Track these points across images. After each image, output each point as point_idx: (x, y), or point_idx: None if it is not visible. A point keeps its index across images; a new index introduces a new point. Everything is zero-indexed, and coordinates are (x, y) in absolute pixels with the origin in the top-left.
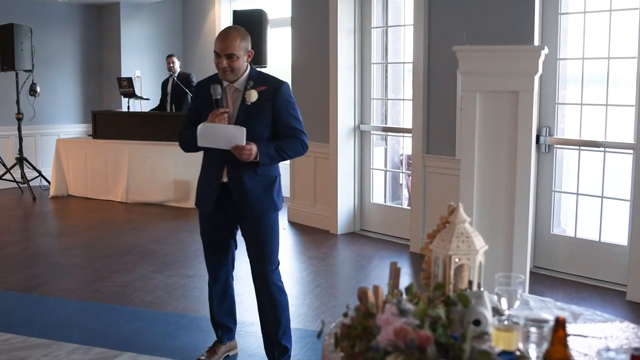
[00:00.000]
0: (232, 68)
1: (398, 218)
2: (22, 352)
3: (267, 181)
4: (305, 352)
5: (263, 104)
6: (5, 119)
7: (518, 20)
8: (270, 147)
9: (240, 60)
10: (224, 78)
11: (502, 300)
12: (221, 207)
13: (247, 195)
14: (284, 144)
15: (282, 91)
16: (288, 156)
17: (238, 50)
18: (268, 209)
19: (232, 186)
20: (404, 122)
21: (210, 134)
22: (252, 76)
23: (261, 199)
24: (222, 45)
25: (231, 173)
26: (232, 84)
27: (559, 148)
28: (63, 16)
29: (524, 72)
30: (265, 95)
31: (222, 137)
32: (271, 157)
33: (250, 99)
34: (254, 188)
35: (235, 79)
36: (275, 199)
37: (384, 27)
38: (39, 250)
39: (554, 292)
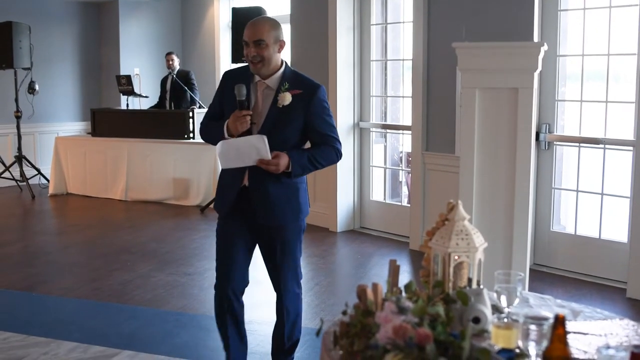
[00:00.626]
0: (262, 57)
1: (398, 215)
2: (22, 350)
3: (291, 188)
4: (305, 350)
5: (296, 109)
6: (3, 117)
7: (517, 16)
8: (303, 157)
9: (269, 49)
10: (255, 71)
11: (501, 297)
12: (239, 212)
13: (268, 202)
14: (318, 153)
15: (317, 96)
16: (321, 165)
17: (267, 36)
18: (289, 219)
19: (253, 192)
20: (403, 120)
21: (231, 153)
22: (287, 75)
23: (283, 207)
24: (249, 32)
25: (253, 177)
26: (263, 81)
27: (558, 145)
28: (62, 14)
29: (524, 68)
30: (299, 99)
31: (243, 152)
32: (304, 168)
33: (283, 102)
34: (277, 195)
35: (268, 73)
36: (298, 209)
37: (383, 24)
38: (38, 249)
39: (554, 289)
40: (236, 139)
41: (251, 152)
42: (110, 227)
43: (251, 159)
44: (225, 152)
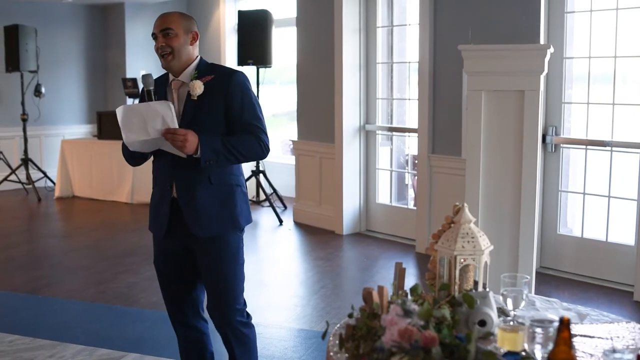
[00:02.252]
0: (171, 48)
1: (404, 218)
2: (28, 353)
3: (224, 192)
4: (311, 353)
5: (212, 97)
6: (10, 120)
7: (524, 19)
8: (215, 140)
9: (179, 38)
10: (166, 65)
11: (507, 300)
12: (172, 229)
13: (199, 210)
14: (235, 140)
15: (234, 80)
16: (242, 156)
17: (176, 25)
18: (226, 228)
19: (182, 201)
20: (409, 122)
21: (134, 122)
22: (200, 67)
23: (217, 215)
24: (157, 22)
25: (180, 185)
26: (177, 79)
27: (565, 147)
28: (68, 17)
29: (530, 71)
30: (214, 86)
31: (147, 120)
32: (217, 153)
33: (195, 91)
34: (208, 201)
35: (179, 66)
36: (236, 215)
37: (389, 27)
38: (44, 252)
39: (560, 292)
40: (138, 104)
41: (156, 119)
42: (116, 230)
43: (156, 129)
44: (128, 121)
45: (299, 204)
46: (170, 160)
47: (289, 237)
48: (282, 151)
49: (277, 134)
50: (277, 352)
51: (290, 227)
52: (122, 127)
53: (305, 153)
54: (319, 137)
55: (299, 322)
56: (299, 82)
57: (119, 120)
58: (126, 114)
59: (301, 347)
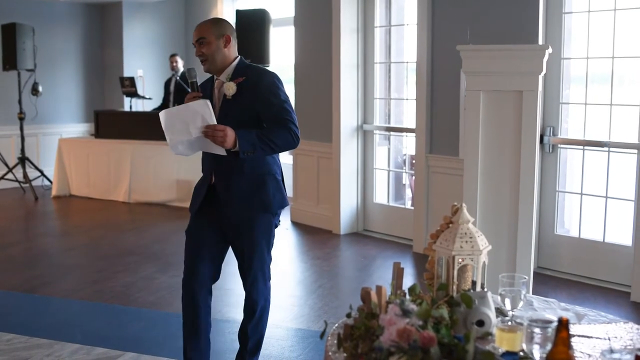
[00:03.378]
0: (205, 55)
1: (401, 218)
2: (25, 352)
3: (257, 180)
4: (308, 353)
5: (244, 96)
6: (7, 119)
7: (522, 19)
8: (251, 133)
9: (213, 45)
10: (205, 69)
11: (505, 300)
12: (209, 211)
13: (233, 196)
14: (269, 132)
15: (264, 79)
16: (276, 145)
17: (208, 33)
18: (257, 212)
19: (218, 187)
20: (407, 122)
21: (175, 124)
22: (238, 68)
23: (249, 200)
24: (194, 33)
25: (218, 173)
26: (219, 78)
27: (562, 148)
28: (65, 15)
29: (528, 71)
30: (245, 86)
31: (187, 121)
32: (254, 145)
33: (228, 92)
34: (241, 188)
35: (216, 69)
36: (268, 201)
37: (387, 27)
38: (41, 251)
39: (558, 292)
40: (177, 106)
41: (195, 119)
42: (113, 229)
43: (196, 127)
44: (170, 125)
45: (297, 204)
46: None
47: (286, 237)
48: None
49: None
50: (274, 351)
51: (288, 226)
52: (165, 130)
53: (302, 152)
54: (317, 137)
55: (296, 321)
56: (296, 81)
57: (162, 125)
58: (168, 117)
59: (298, 346)
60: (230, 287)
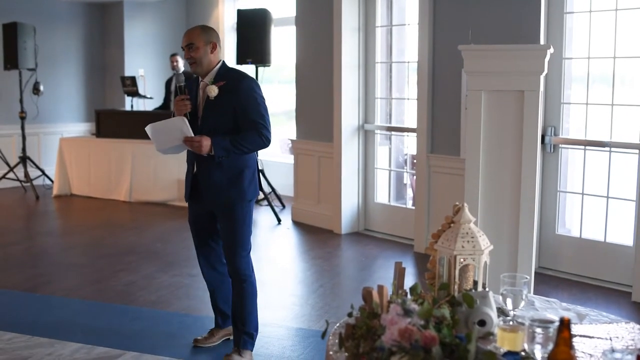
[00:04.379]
0: (194, 59)
1: (402, 218)
2: (26, 351)
3: (233, 172)
4: (309, 352)
5: (224, 98)
6: (8, 118)
7: (523, 19)
8: (225, 140)
9: (201, 50)
10: (193, 71)
11: (507, 300)
12: (196, 197)
13: (212, 186)
14: (241, 137)
15: (243, 84)
16: (247, 148)
17: (197, 40)
18: (235, 200)
19: (199, 178)
20: (408, 122)
21: (159, 134)
22: (221, 72)
23: (228, 190)
24: (183, 38)
25: (199, 166)
26: (204, 81)
27: (564, 148)
28: (66, 15)
29: (530, 71)
30: (226, 89)
31: (170, 131)
32: (227, 150)
33: (210, 94)
34: (219, 180)
35: (203, 71)
36: (244, 189)
37: (388, 26)
38: (42, 250)
39: (559, 292)
40: (160, 122)
41: (176, 131)
42: (114, 228)
43: (178, 138)
44: (156, 135)
45: (298, 203)
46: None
47: (287, 236)
48: (281, 150)
49: (275, 133)
50: (275, 350)
51: (289, 226)
52: (153, 139)
53: (304, 152)
54: (318, 137)
55: (297, 321)
56: (298, 81)
57: (150, 136)
58: (154, 130)
59: (299, 346)
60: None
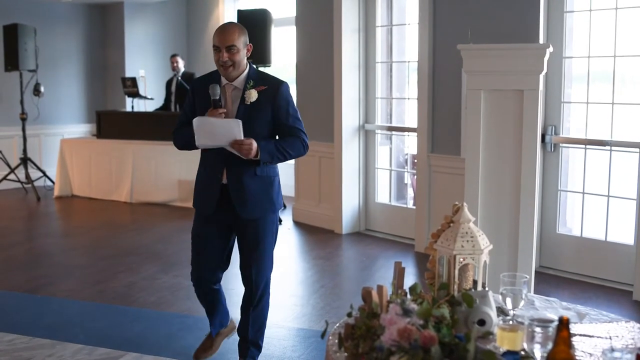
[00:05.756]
0: (233, 62)
1: (403, 218)
2: (27, 352)
3: (266, 182)
4: (310, 353)
5: (262, 104)
6: (9, 119)
7: (523, 18)
8: (270, 144)
9: (240, 53)
10: (226, 75)
11: (507, 300)
12: (219, 209)
13: (246, 197)
14: (285, 143)
15: (281, 91)
16: (289, 155)
17: (238, 42)
18: (267, 211)
19: (231, 188)
20: (408, 121)
21: (206, 129)
22: (252, 75)
23: (261, 200)
24: (221, 37)
25: (230, 174)
26: (231, 83)
27: (564, 147)
28: (67, 16)
29: (529, 70)
30: (264, 95)
31: (219, 131)
32: (272, 155)
33: (250, 99)
34: (254, 189)
35: (236, 75)
36: (274, 200)
37: (388, 26)
38: (43, 251)
39: (560, 291)
40: (212, 118)
41: (226, 132)
42: (115, 229)
43: (225, 140)
44: (201, 129)
45: (299, 204)
46: (223, 154)
47: (288, 237)
48: None
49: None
50: (276, 351)
51: (290, 226)
52: (196, 132)
53: None
54: (319, 137)
55: (298, 321)
56: (298, 81)
57: (195, 128)
58: (202, 123)
59: (300, 346)
60: (232, 287)
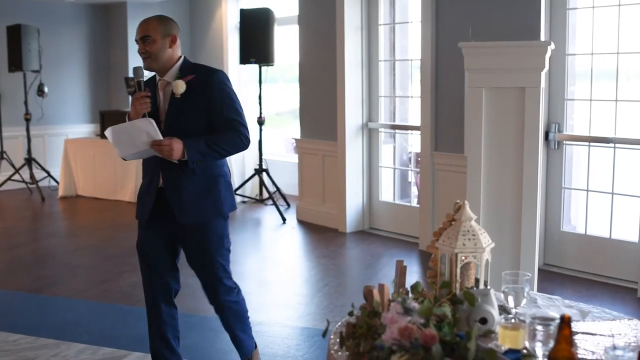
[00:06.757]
0: (149, 53)
1: (407, 216)
2: (31, 352)
3: (208, 182)
4: (314, 351)
5: (194, 95)
6: (13, 120)
7: (525, 16)
8: (199, 142)
9: (157, 44)
10: (147, 66)
11: (509, 298)
12: (158, 216)
13: (184, 199)
14: (218, 138)
15: (214, 78)
16: (225, 151)
17: (153, 31)
18: (211, 215)
19: (167, 190)
20: (412, 120)
21: (123, 138)
22: (184, 67)
23: (201, 203)
24: (138, 29)
25: (166, 176)
26: (163, 78)
27: (568, 144)
28: (70, 16)
29: (531, 68)
30: (195, 85)
31: (135, 136)
32: (203, 153)
33: (177, 90)
34: (192, 191)
35: (161, 68)
36: (220, 203)
37: (391, 24)
38: (48, 251)
39: (564, 289)
40: (122, 124)
41: (141, 135)
42: (119, 229)
43: (143, 142)
44: (118, 139)
45: (302, 202)
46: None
47: (292, 235)
48: (285, 149)
49: (280, 133)
50: (280, 350)
51: (294, 225)
52: (114, 144)
53: (308, 151)
54: (322, 135)
55: (302, 320)
56: (301, 80)
57: (110, 140)
58: (115, 133)
59: (304, 345)
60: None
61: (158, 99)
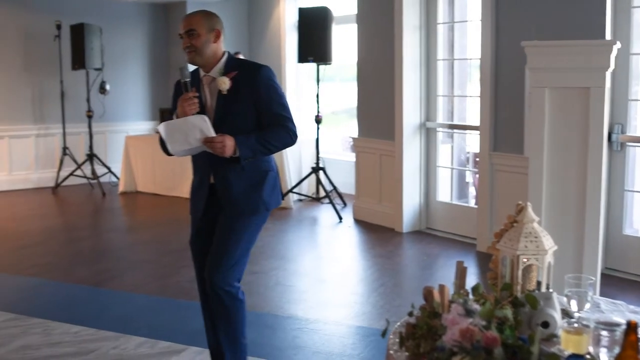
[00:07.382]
0: (194, 47)
1: (464, 216)
2: (92, 344)
3: (257, 177)
4: (370, 351)
5: (240, 91)
6: (76, 117)
7: (589, 14)
8: (250, 139)
9: (202, 38)
10: (190, 60)
11: (571, 302)
12: (210, 211)
13: (233, 194)
14: (267, 134)
15: (260, 74)
16: (274, 147)
17: (198, 26)
18: (254, 208)
19: (218, 186)
20: (470, 119)
21: (175, 134)
22: (229, 63)
23: (249, 197)
24: (182, 23)
25: (217, 173)
26: (208, 74)
27: (631, 146)
28: (131, 15)
29: (595, 67)
30: (240, 81)
31: (187, 133)
32: (253, 150)
33: (222, 87)
34: (242, 187)
35: (205, 63)
36: (265, 198)
37: (450, 23)
38: (108, 245)
39: (626, 294)
40: (175, 120)
41: (194, 131)
42: (178, 225)
43: (196, 139)
44: (170, 135)
45: (359, 201)
46: (208, 154)
47: (348, 234)
48: (342, 148)
49: (337, 131)
50: (335, 348)
51: (350, 224)
52: (167, 140)
53: (365, 150)
54: (379, 135)
55: (358, 319)
56: (359, 79)
57: (163, 135)
58: (168, 129)
59: (360, 344)
60: (291, 283)
61: (204, 95)
